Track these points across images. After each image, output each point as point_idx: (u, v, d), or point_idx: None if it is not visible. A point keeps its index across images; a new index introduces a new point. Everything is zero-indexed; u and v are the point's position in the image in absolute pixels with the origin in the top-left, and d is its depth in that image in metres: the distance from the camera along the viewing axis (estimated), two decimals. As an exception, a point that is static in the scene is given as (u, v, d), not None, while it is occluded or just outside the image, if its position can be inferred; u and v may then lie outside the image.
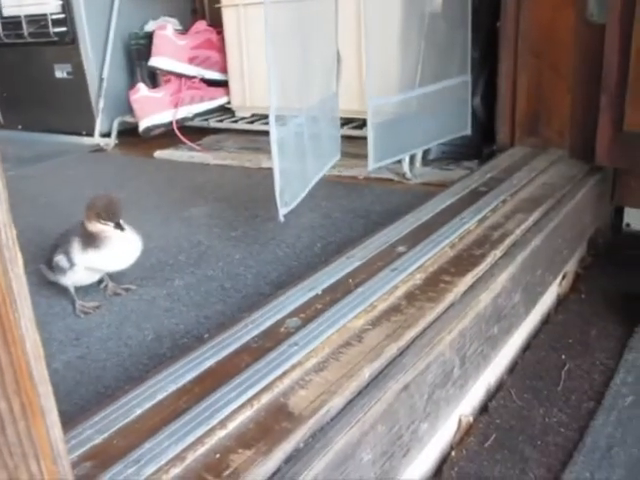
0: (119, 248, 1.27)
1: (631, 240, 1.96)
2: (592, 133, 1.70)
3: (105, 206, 1.24)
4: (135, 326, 1.17)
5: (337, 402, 0.82)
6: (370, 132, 1.70)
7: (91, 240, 1.25)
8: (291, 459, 0.75)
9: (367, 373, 0.87)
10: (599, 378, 1.33)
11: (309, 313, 0.99)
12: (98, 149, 2.50)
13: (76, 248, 1.26)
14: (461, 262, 1.17)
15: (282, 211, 1.29)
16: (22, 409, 0.45)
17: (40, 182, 2.13)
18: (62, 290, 1.32)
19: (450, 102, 1.92)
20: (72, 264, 1.26)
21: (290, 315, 0.99)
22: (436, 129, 1.90)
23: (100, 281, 1.35)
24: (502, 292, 1.17)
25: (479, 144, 1.97)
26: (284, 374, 0.85)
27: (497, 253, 1.22)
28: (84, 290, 1.32)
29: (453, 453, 1.15)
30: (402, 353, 0.94)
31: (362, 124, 2.02)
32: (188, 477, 0.70)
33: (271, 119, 1.25)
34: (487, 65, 1.92)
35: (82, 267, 1.27)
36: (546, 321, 1.55)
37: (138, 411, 0.80)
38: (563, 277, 1.68)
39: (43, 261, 1.34)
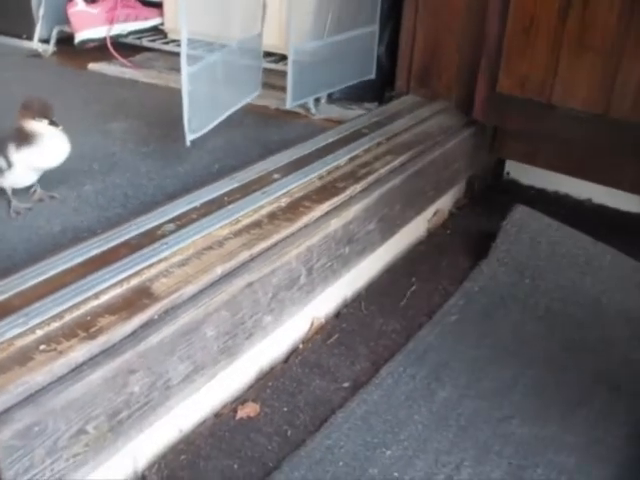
0: (52, 145, 1.38)
1: (507, 187, 2.23)
2: (473, 90, 1.94)
3: (40, 106, 1.35)
4: (46, 220, 1.39)
5: (190, 289, 1.07)
6: (289, 74, 1.90)
7: (25, 139, 1.36)
8: (146, 325, 1.00)
9: (219, 270, 1.12)
10: (437, 300, 1.61)
11: (184, 221, 1.23)
12: (36, 54, 2.63)
13: (12, 148, 1.36)
14: (323, 192, 1.42)
15: (189, 137, 1.50)
16: None
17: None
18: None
19: (358, 49, 2.13)
20: (10, 164, 1.37)
21: (168, 222, 1.23)
22: (346, 72, 2.12)
23: (30, 187, 1.48)
24: (354, 220, 1.42)
25: (381, 88, 2.19)
26: (152, 265, 1.10)
27: (357, 187, 1.47)
28: (18, 194, 1.47)
29: (301, 346, 1.42)
30: (253, 259, 1.19)
31: (279, 59, 2.21)
32: (64, 329, 0.95)
33: (182, 54, 1.44)
34: (393, 16, 2.13)
35: (19, 166, 1.37)
36: (411, 251, 1.82)
37: (33, 282, 1.03)
38: (434, 215, 1.94)
39: None
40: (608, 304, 1.59)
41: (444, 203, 1.99)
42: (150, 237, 1.17)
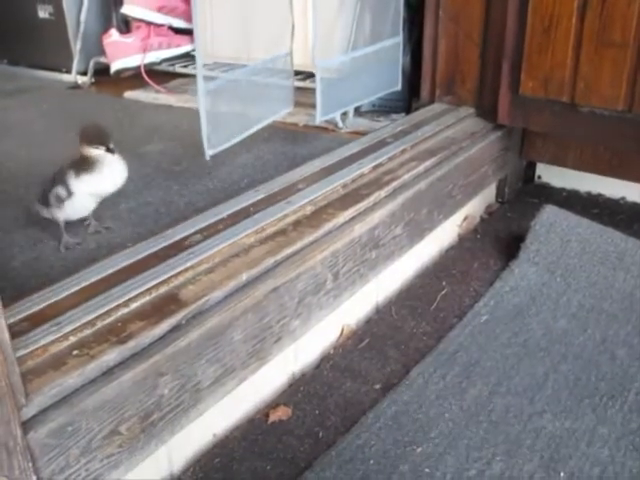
0: (110, 171, 1.38)
1: (539, 190, 2.23)
2: (497, 95, 1.96)
3: (97, 133, 1.35)
4: (82, 238, 1.45)
5: (216, 295, 1.11)
6: (317, 90, 1.95)
7: (84, 166, 1.36)
8: (174, 329, 1.04)
9: (245, 276, 1.16)
10: (468, 301, 1.63)
11: (211, 231, 1.27)
12: (75, 86, 2.74)
13: (71, 176, 1.36)
14: (347, 199, 1.45)
15: (209, 152, 1.55)
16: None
17: (19, 113, 2.38)
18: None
19: (384, 61, 2.16)
20: (70, 193, 1.36)
21: (195, 233, 1.27)
22: (372, 85, 2.15)
23: (84, 220, 1.49)
24: (379, 225, 1.44)
25: (408, 99, 2.22)
26: (179, 273, 1.14)
27: (382, 193, 1.49)
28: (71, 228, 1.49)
29: (332, 352, 1.44)
30: (278, 265, 1.22)
31: (306, 77, 2.26)
32: (95, 335, 0.99)
33: (198, 74, 1.49)
34: (416, 26, 2.16)
35: (79, 194, 1.37)
36: (441, 255, 1.84)
37: (66, 293, 1.08)
38: (465, 220, 1.96)
39: (36, 198, 1.45)
40: (642, 299, 1.58)
41: (474, 208, 2.00)
42: (177, 247, 1.22)
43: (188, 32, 2.60)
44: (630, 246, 1.72)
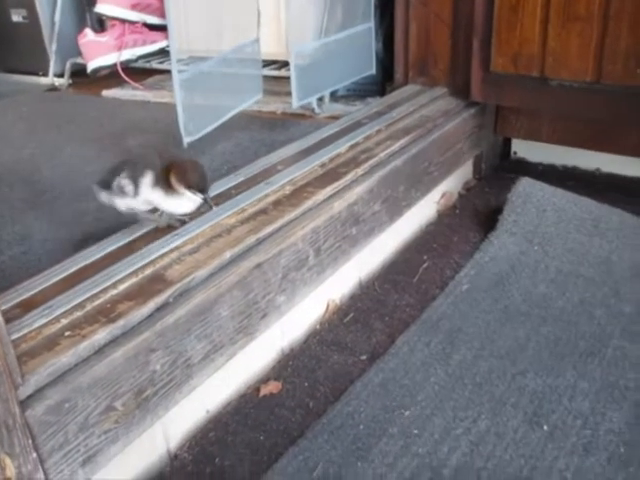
0: (183, 203, 1.25)
1: (515, 166, 2.27)
2: (469, 73, 2.00)
3: (199, 178, 1.24)
4: (69, 231, 1.48)
5: (201, 273, 1.14)
6: (292, 76, 1.99)
7: (164, 184, 1.24)
8: (161, 308, 1.07)
9: (228, 255, 1.19)
10: (449, 273, 1.67)
11: (194, 214, 1.30)
12: (53, 88, 2.76)
13: (148, 181, 1.24)
14: (326, 178, 1.48)
15: (186, 139, 1.58)
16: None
17: (-2, 117, 2.41)
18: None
19: (357, 46, 2.20)
20: (137, 194, 1.25)
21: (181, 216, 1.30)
22: (346, 70, 2.19)
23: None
24: (358, 201, 1.48)
25: (382, 82, 2.26)
26: (164, 255, 1.17)
27: (359, 171, 1.53)
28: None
29: (318, 327, 1.48)
30: (260, 242, 1.25)
31: (281, 66, 2.29)
32: (86, 317, 1.02)
33: (173, 64, 1.52)
34: (388, 11, 2.20)
35: (143, 200, 1.27)
36: (422, 231, 1.88)
37: (55, 279, 1.11)
38: (443, 196, 2.00)
39: (97, 181, 1.34)
40: (618, 261, 1.62)
41: (452, 185, 2.04)
42: (162, 231, 1.25)
43: (163, 28, 2.62)
44: (605, 213, 1.77)
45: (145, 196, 1.25)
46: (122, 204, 1.29)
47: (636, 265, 1.61)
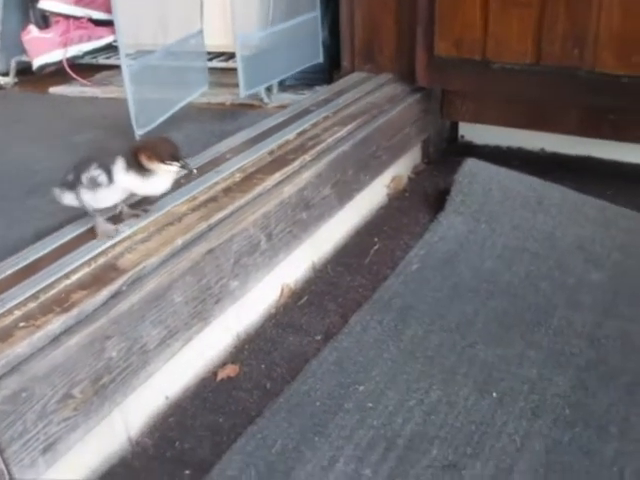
0: (159, 180, 1.24)
1: (463, 149, 2.32)
2: (414, 59, 2.04)
3: (171, 148, 1.23)
4: (20, 228, 1.48)
5: (153, 260, 1.16)
6: (239, 65, 2.00)
7: (137, 167, 1.22)
8: (115, 295, 1.08)
9: (180, 242, 1.21)
10: (400, 254, 1.70)
11: (145, 204, 1.32)
12: (-2, 88, 2.72)
13: (120, 167, 1.22)
14: (275, 164, 1.51)
15: (138, 132, 1.59)
16: None
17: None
18: None
19: (304, 35, 2.22)
20: (112, 181, 1.22)
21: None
22: (293, 59, 2.21)
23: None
24: (307, 186, 1.51)
25: (329, 70, 2.29)
26: (116, 244, 1.19)
27: (307, 157, 1.56)
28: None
29: (273, 311, 1.50)
30: (211, 229, 1.27)
31: (229, 57, 2.31)
32: (40, 307, 1.03)
33: (122, 57, 1.53)
34: (333, 0, 2.23)
35: (119, 186, 1.23)
36: (373, 215, 1.91)
37: (9, 272, 1.12)
38: (392, 180, 2.04)
39: (59, 184, 1.31)
40: (562, 236, 1.68)
41: (401, 169, 2.08)
42: (114, 221, 1.26)
43: (108, 23, 2.61)
44: (548, 190, 1.83)
45: (120, 182, 1.22)
46: (94, 200, 1.24)
47: (578, 238, 1.67)
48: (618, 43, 1.73)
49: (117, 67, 2.66)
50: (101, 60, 2.59)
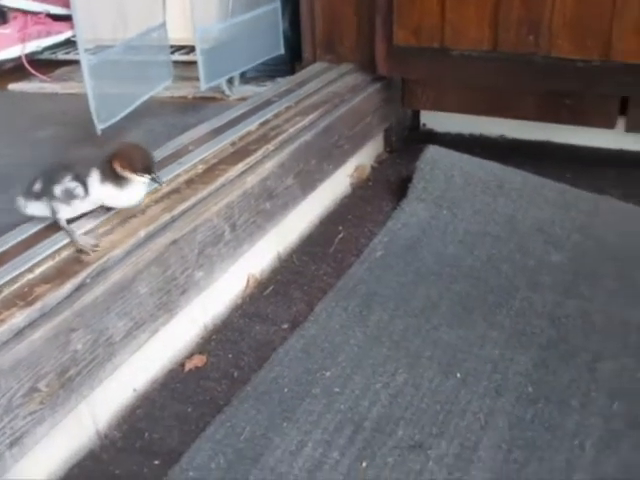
0: (135, 191, 1.25)
1: (425, 137, 2.34)
2: (374, 48, 2.05)
3: (144, 159, 1.22)
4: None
5: (117, 252, 1.16)
6: (199, 57, 2.00)
7: (112, 178, 1.21)
8: (79, 288, 1.08)
9: (143, 233, 1.21)
10: (364, 241, 1.72)
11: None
12: (-46, 86, 2.68)
13: (95, 179, 1.21)
14: (237, 155, 1.51)
15: (99, 126, 1.59)
16: None
17: None
18: None
19: (264, 27, 2.23)
20: (87, 194, 1.21)
21: (92, 200, 1.31)
22: (254, 51, 2.21)
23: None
24: (270, 176, 1.51)
25: (291, 62, 2.29)
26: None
27: (269, 147, 1.56)
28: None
29: (240, 301, 1.51)
30: (175, 220, 1.28)
31: (190, 50, 2.30)
32: (3, 302, 1.03)
33: (81, 51, 1.53)
34: (293, -9, 2.24)
35: (92, 200, 1.23)
36: (336, 204, 1.93)
37: (-27, 266, 1.11)
38: (356, 170, 2.05)
39: (23, 193, 1.27)
40: (522, 219, 1.71)
41: (364, 159, 2.10)
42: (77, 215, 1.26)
43: (67, 18, 2.59)
44: (508, 174, 1.86)
45: (95, 195, 1.21)
46: (65, 211, 1.22)
47: (538, 221, 1.70)
48: (572, 28, 1.76)
49: (77, 62, 2.64)
50: (60, 56, 2.57)
